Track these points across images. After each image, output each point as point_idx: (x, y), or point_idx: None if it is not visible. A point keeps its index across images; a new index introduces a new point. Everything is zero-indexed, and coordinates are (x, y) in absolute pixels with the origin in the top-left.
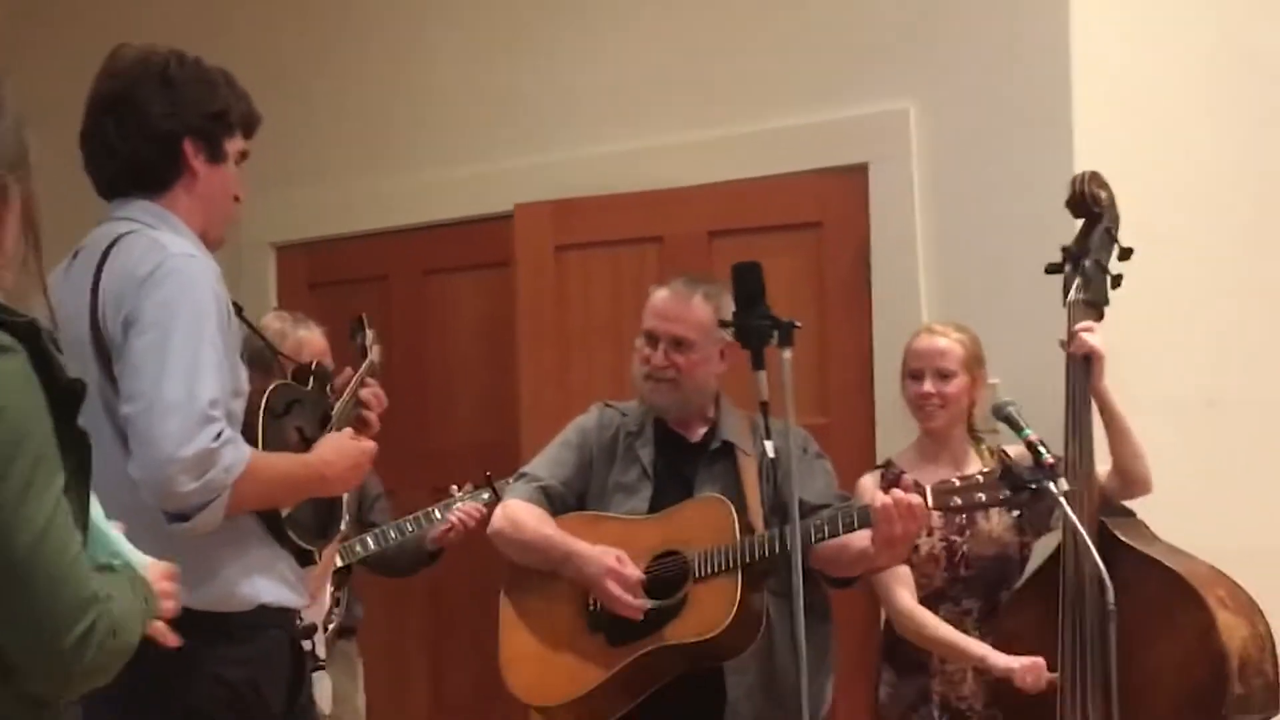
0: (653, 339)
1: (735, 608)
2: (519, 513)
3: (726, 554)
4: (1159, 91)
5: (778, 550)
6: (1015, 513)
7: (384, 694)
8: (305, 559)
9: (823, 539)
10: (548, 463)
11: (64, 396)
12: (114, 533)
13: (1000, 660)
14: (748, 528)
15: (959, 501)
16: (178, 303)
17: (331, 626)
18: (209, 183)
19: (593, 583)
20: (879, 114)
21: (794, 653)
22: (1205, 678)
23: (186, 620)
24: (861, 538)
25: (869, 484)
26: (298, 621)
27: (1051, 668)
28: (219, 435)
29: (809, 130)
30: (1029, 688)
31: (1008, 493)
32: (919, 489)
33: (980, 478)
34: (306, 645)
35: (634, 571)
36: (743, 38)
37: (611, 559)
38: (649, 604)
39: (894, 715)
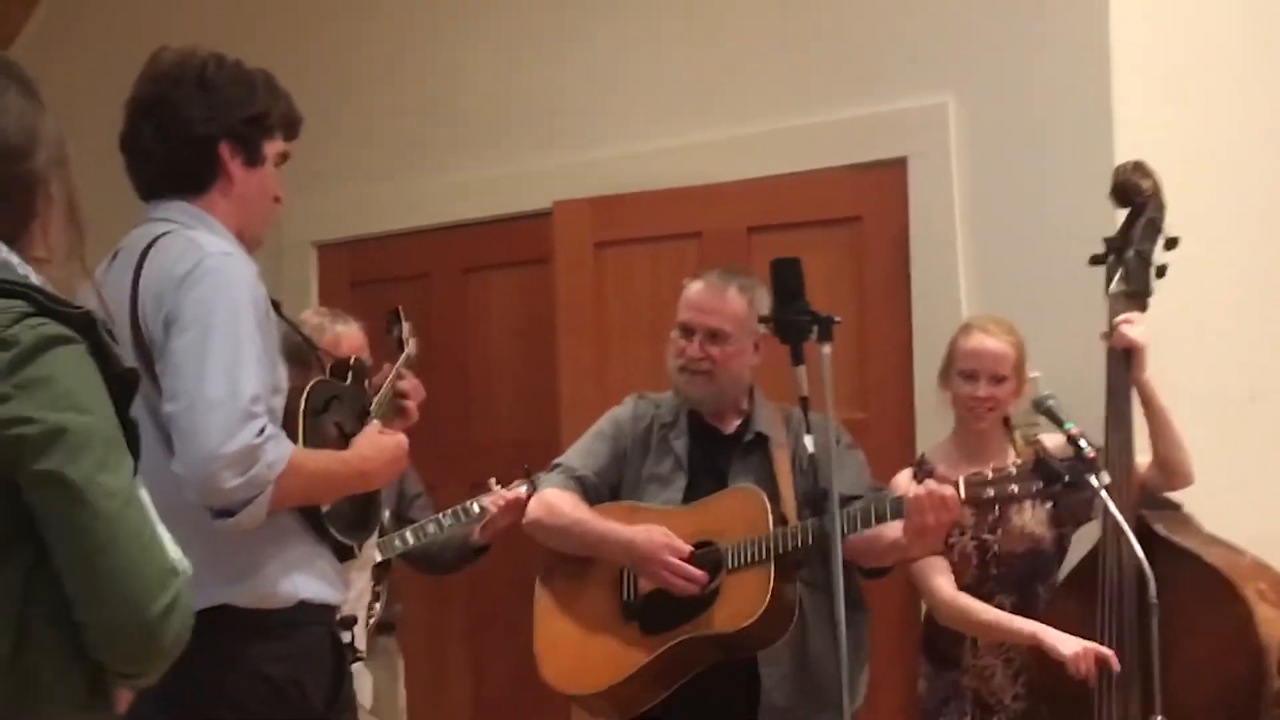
0: (688, 331)
1: (768, 598)
2: (555, 500)
3: (760, 544)
4: (1200, 81)
5: (810, 541)
6: (1049, 504)
7: (424, 689)
8: (345, 554)
9: (856, 530)
10: (582, 453)
11: (120, 385)
12: (161, 529)
13: (1050, 640)
14: (781, 519)
15: (991, 494)
16: (216, 300)
17: (372, 621)
18: (246, 185)
19: (645, 559)
20: (917, 108)
21: (832, 643)
22: (1242, 671)
23: (228, 617)
24: (894, 529)
25: (904, 481)
26: (337, 617)
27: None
28: (262, 431)
29: (847, 125)
30: (1084, 676)
31: (1040, 484)
32: (952, 481)
33: (1013, 469)
34: (346, 637)
35: (682, 545)
36: (781, 33)
37: (660, 534)
38: (704, 576)
39: (930, 707)
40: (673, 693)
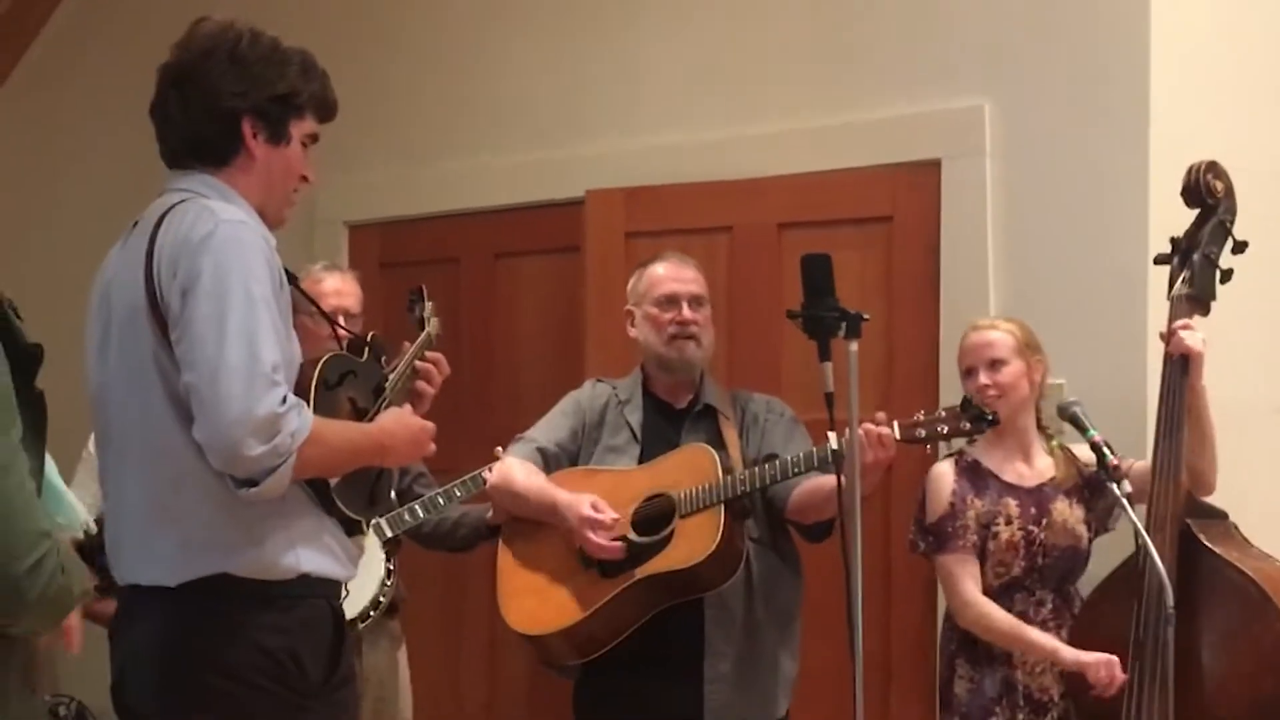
0: (673, 301)
1: (719, 536)
2: (512, 468)
3: (710, 491)
4: (1238, 88)
5: (756, 486)
6: (1085, 508)
7: (440, 671)
8: (353, 528)
9: (800, 473)
10: (544, 428)
11: (24, 360)
12: (64, 490)
13: (1070, 655)
14: (728, 469)
15: (923, 434)
16: (231, 268)
17: (384, 600)
18: (268, 163)
19: (572, 530)
20: (953, 110)
21: (775, 596)
22: (1274, 690)
23: (228, 585)
24: (832, 479)
25: (945, 469)
26: (343, 593)
27: (1124, 663)
28: (284, 400)
29: (883, 125)
30: (1101, 683)
31: (967, 424)
32: (889, 421)
33: (943, 412)
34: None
35: (609, 515)
36: (819, 32)
37: (585, 507)
38: (620, 546)
39: (975, 709)
40: (627, 639)
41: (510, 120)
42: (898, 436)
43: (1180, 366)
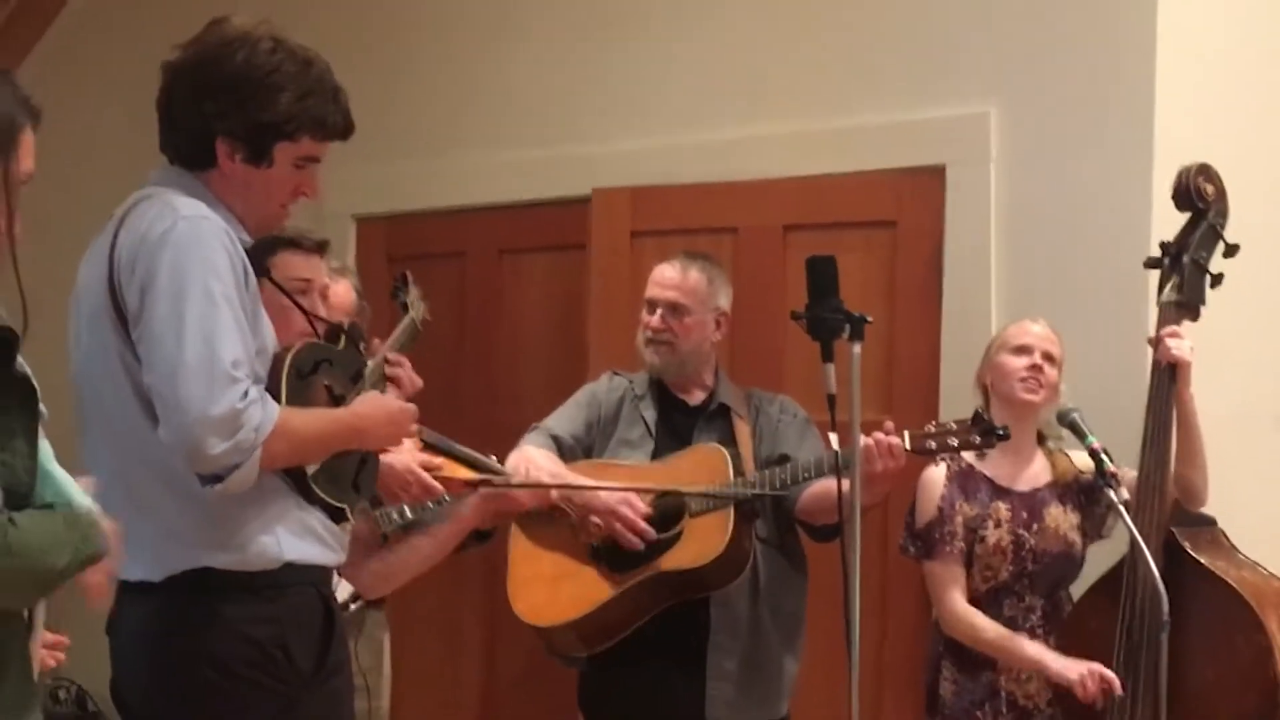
0: (652, 306)
1: (728, 539)
2: (531, 454)
3: (721, 492)
4: (1246, 96)
5: (767, 489)
6: (1079, 515)
7: (438, 663)
8: (337, 515)
9: (809, 478)
10: (560, 418)
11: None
12: (61, 474)
13: (1055, 666)
14: (740, 472)
15: (933, 445)
16: (189, 263)
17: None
18: (247, 181)
19: (602, 514)
20: (959, 116)
21: (782, 596)
22: (1257, 705)
23: (212, 579)
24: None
25: (937, 474)
26: (332, 579)
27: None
28: (245, 395)
29: (888, 129)
30: (1090, 697)
31: (978, 438)
32: (898, 432)
33: (954, 424)
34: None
35: (641, 505)
36: (826, 35)
37: (620, 494)
38: (652, 533)
39: (959, 712)
40: (634, 633)
41: (519, 117)
42: (908, 447)
43: (1168, 374)
